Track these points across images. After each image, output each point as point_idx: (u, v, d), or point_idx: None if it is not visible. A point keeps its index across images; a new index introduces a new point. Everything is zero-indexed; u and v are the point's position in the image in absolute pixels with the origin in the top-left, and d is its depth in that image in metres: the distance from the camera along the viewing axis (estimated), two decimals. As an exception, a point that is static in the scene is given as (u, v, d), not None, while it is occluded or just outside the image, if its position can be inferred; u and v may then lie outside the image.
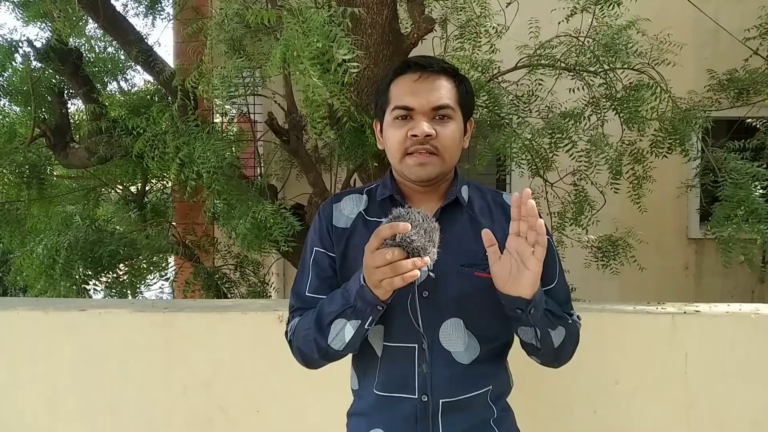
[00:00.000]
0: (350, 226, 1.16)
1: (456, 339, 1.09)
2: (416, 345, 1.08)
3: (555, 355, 1.12)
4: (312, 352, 1.09)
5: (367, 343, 1.11)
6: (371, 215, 1.16)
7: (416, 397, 1.08)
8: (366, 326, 1.02)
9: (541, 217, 0.97)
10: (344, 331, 1.02)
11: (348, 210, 1.18)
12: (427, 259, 0.91)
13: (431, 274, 0.93)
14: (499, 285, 1.02)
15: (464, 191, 1.17)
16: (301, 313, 1.15)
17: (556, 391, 1.87)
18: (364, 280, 0.97)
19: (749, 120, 3.32)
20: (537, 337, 1.07)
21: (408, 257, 0.90)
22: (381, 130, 1.18)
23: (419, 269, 0.90)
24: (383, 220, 0.96)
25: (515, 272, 0.99)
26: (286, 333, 1.18)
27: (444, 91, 1.10)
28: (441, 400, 1.08)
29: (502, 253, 1.02)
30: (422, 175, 1.09)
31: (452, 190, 1.15)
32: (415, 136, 1.07)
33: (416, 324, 1.08)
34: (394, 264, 0.90)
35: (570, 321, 1.14)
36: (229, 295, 3.78)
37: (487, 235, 1.01)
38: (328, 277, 1.15)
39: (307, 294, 1.15)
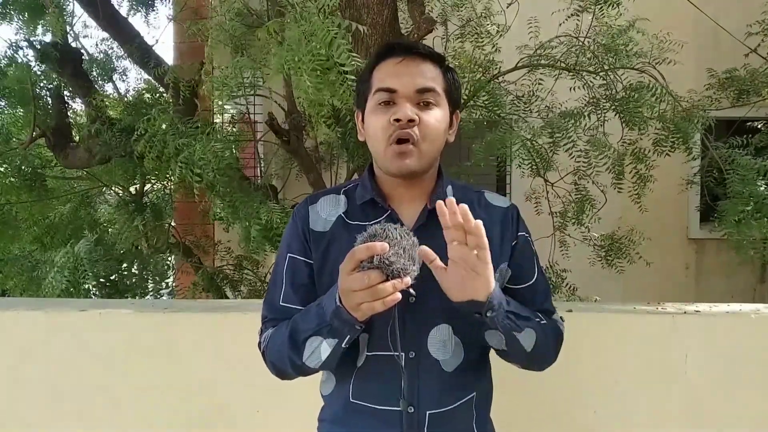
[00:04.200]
0: (329, 230, 1.09)
1: (444, 346, 1.05)
2: (403, 354, 1.03)
3: (530, 359, 1.07)
4: (286, 367, 1.05)
5: (351, 350, 1.04)
6: (352, 218, 1.09)
7: (401, 408, 1.03)
8: (344, 345, 0.97)
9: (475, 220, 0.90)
10: (320, 349, 0.97)
11: (325, 212, 1.11)
12: (407, 279, 0.86)
13: (412, 291, 0.87)
14: (452, 296, 0.95)
15: (449, 192, 1.12)
16: (274, 324, 1.09)
17: (556, 391, 1.87)
18: (341, 300, 0.91)
19: (751, 122, 3.32)
20: (504, 341, 1.03)
21: (387, 279, 0.85)
22: (363, 120, 1.10)
23: (400, 290, 0.85)
24: (358, 236, 0.89)
25: (468, 280, 0.93)
26: (259, 344, 1.12)
27: (429, 74, 1.03)
28: (428, 412, 1.03)
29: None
30: (402, 167, 1.03)
31: (439, 193, 1.09)
32: (398, 120, 1.00)
33: (402, 332, 1.02)
34: (372, 288, 0.84)
35: (542, 321, 1.08)
36: (229, 296, 3.78)
37: (423, 251, 0.91)
38: (303, 285, 1.08)
39: (280, 303, 1.09)
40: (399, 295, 0.86)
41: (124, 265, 3.72)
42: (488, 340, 1.05)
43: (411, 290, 0.87)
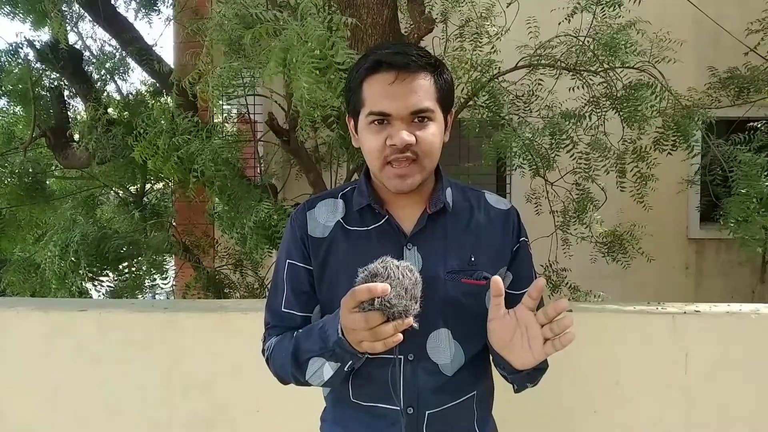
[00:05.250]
0: (328, 236, 1.08)
1: (443, 350, 1.05)
2: (402, 356, 1.03)
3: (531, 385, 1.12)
4: (289, 379, 1.07)
5: None
6: (351, 224, 1.09)
7: (401, 409, 1.04)
8: (346, 369, 0.98)
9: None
10: (323, 370, 0.99)
11: (323, 218, 1.10)
12: (409, 320, 0.85)
13: (414, 326, 0.87)
14: (492, 341, 0.98)
15: (449, 195, 1.11)
16: (277, 331, 1.10)
17: (557, 392, 1.87)
18: (343, 333, 0.91)
19: (751, 122, 3.33)
20: (513, 386, 1.09)
21: (388, 320, 0.85)
22: (355, 128, 1.09)
23: (403, 330, 0.85)
24: (359, 273, 0.88)
25: (517, 342, 0.94)
26: (263, 351, 1.13)
27: (422, 92, 1.00)
28: (427, 412, 1.05)
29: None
30: (403, 188, 1.02)
31: (438, 197, 1.08)
32: (394, 145, 0.99)
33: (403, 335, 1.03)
34: (373, 330, 0.84)
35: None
36: (228, 296, 3.78)
37: (496, 284, 0.93)
38: (304, 292, 1.09)
39: (283, 310, 1.10)
40: (400, 336, 0.85)
41: (124, 264, 3.73)
42: (498, 370, 1.09)
43: (414, 326, 0.87)
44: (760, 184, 2.36)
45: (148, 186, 4.36)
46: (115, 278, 3.64)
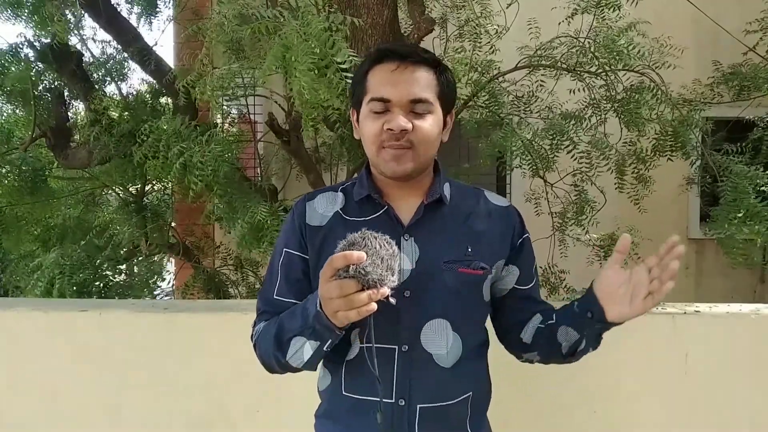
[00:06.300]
0: (326, 225, 1.10)
1: (439, 341, 1.05)
2: (396, 347, 1.04)
3: (569, 361, 1.14)
4: (272, 364, 1.07)
5: (343, 344, 1.05)
6: (350, 215, 1.11)
7: (393, 401, 1.04)
8: (325, 348, 0.98)
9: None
10: (303, 349, 0.99)
11: (322, 208, 1.13)
12: (384, 290, 0.85)
13: (392, 300, 0.87)
14: (597, 287, 1.03)
15: (446, 189, 1.13)
16: (267, 317, 1.11)
17: (557, 392, 1.87)
18: (321, 306, 0.92)
19: (748, 117, 3.33)
20: (576, 347, 1.10)
21: (363, 289, 0.85)
22: (357, 120, 1.12)
23: (377, 301, 0.85)
24: (338, 244, 0.89)
25: (620, 295, 1.01)
26: (252, 336, 1.14)
27: (423, 83, 1.04)
28: (419, 406, 1.04)
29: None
30: (397, 170, 1.05)
31: (435, 188, 1.11)
32: (390, 129, 1.02)
33: (396, 325, 1.04)
34: (348, 297, 0.85)
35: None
36: (228, 296, 3.78)
37: (624, 240, 1.00)
38: (297, 279, 1.11)
39: (275, 297, 1.11)
40: (374, 306, 0.86)
41: (122, 267, 3.73)
42: (558, 336, 1.11)
43: (390, 299, 0.87)
44: (748, 197, 2.38)
45: (148, 186, 4.36)
46: (112, 283, 3.64)
